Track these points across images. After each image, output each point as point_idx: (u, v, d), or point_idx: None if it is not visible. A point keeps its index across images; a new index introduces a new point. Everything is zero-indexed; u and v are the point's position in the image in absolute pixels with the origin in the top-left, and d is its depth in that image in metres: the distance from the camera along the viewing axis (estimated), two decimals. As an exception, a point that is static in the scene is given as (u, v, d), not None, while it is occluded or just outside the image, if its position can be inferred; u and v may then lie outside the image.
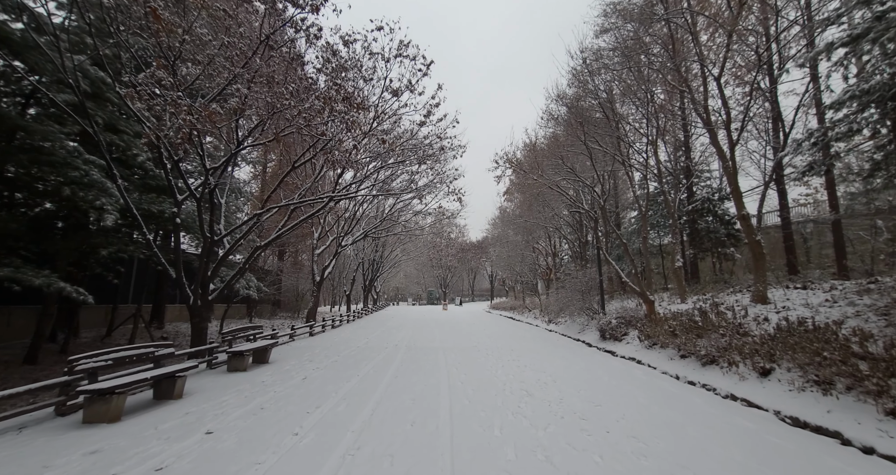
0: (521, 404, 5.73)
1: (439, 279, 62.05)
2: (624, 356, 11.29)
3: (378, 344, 12.60)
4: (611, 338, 13.44)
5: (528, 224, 27.98)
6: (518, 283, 41.92)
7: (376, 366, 8.67)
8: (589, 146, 12.10)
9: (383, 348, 11.55)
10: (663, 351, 10.62)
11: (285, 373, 7.75)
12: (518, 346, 12.26)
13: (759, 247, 10.40)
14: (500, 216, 42.41)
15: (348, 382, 6.96)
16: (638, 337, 12.05)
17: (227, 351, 7.83)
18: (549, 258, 31.45)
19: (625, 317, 13.71)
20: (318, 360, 9.26)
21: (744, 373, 7.48)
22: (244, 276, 15.65)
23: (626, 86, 13.24)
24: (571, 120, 13.36)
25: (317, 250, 18.26)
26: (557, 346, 12.96)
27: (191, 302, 9.07)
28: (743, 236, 16.03)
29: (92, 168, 9.30)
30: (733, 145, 10.73)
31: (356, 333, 16.09)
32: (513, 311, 31.09)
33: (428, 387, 6.65)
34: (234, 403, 5.51)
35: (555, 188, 14.08)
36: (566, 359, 10.08)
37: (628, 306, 16.14)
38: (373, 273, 33.84)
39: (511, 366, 8.86)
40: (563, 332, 17.35)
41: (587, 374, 8.22)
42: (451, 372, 8.09)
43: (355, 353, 10.47)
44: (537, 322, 22.35)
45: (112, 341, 14.75)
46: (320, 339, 13.76)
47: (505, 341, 13.66)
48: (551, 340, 14.69)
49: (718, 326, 9.66)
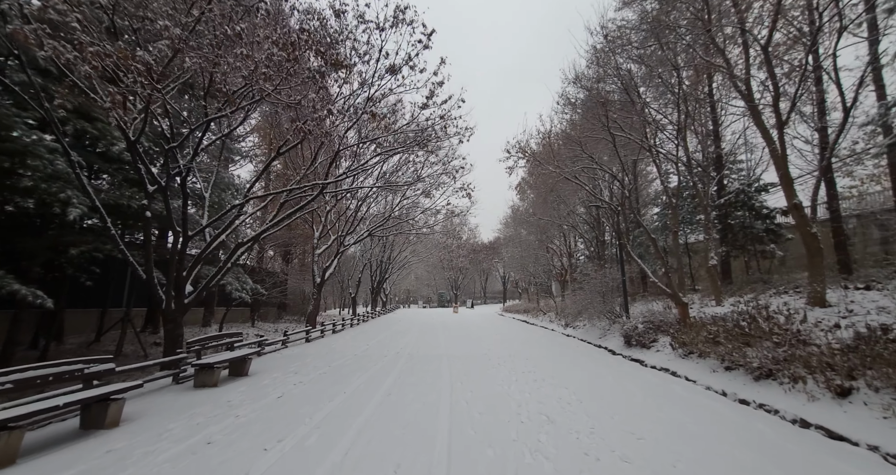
0: (541, 436, 4.48)
1: (450, 281, 60.75)
2: (655, 366, 9.94)
3: (378, 351, 11.43)
4: (637, 344, 12.07)
5: (541, 222, 26.58)
6: (531, 285, 40.43)
7: (369, 379, 7.49)
8: (612, 131, 10.76)
9: (382, 356, 10.38)
10: (702, 361, 9.25)
11: (261, 389, 6.63)
12: (534, 354, 10.97)
13: (815, 240, 8.95)
14: (513, 215, 41.03)
15: (330, 402, 5.78)
16: (670, 344, 10.67)
17: (192, 363, 6.75)
18: (564, 258, 29.96)
19: (652, 321, 12.32)
20: (305, 372, 8.11)
21: (814, 392, 6.10)
22: (239, 278, 14.67)
23: (651, 68, 11.88)
24: (591, 103, 12.07)
25: (317, 250, 17.23)
26: (578, 354, 11.62)
27: (163, 305, 8.03)
28: (784, 231, 14.47)
29: (58, 157, 8.36)
30: (782, 125, 9.30)
31: (357, 339, 14.96)
32: (526, 314, 29.69)
33: (425, 409, 5.44)
34: (176, 435, 4.37)
35: (573, 180, 12.76)
36: (590, 371, 8.76)
37: (654, 309, 14.70)
38: (380, 275, 32.76)
39: (526, 379, 7.59)
40: (582, 337, 15.99)
41: (618, 391, 6.91)
42: (456, 387, 6.86)
43: (349, 363, 9.32)
44: (553, 326, 20.96)
45: (101, 347, 13.89)
46: (316, 346, 12.65)
47: (519, 348, 12.36)
48: (570, 347, 13.34)
49: (771, 333, 8.21)
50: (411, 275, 66.40)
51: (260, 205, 10.13)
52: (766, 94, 10.88)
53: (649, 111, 12.24)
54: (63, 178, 8.29)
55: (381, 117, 8.00)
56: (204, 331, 19.79)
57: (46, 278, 9.63)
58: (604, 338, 14.81)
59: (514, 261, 38.29)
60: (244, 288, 14.13)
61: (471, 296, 67.51)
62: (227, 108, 6.84)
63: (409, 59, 8.26)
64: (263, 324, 25.43)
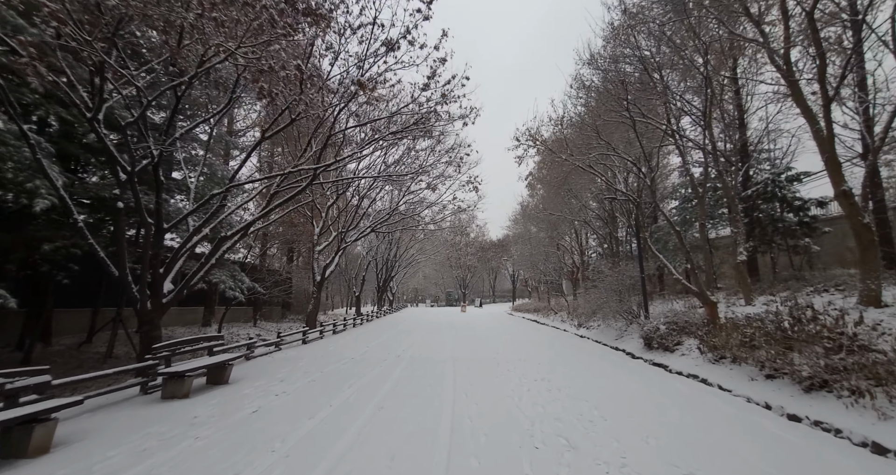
0: (561, 470, 3.58)
1: (458, 280, 59.85)
2: (681, 372, 8.99)
3: (377, 354, 10.59)
4: (659, 347, 11.10)
5: (552, 218, 25.55)
6: (541, 284, 39.40)
7: (362, 388, 6.65)
8: (632, 114, 9.76)
9: (381, 360, 9.54)
10: (737, 367, 8.29)
11: (237, 400, 5.82)
12: (546, 358, 10.04)
13: (868, 232, 7.89)
14: (522, 211, 40.00)
15: (311, 420, 4.95)
16: (698, 348, 9.70)
17: (159, 372, 5.97)
18: (576, 256, 28.86)
19: (676, 322, 11.31)
20: (293, 379, 7.30)
21: (884, 408, 5.12)
22: (235, 276, 13.95)
23: (675, 45, 10.84)
24: (608, 86, 11.07)
25: (318, 247, 16.46)
26: (595, 358, 10.68)
27: (138, 306, 7.28)
28: (819, 225, 13.31)
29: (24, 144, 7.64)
30: (829, 102, 8.23)
31: (357, 340, 14.16)
32: (537, 314, 28.70)
33: (421, 431, 4.57)
34: (112, 467, 3.56)
35: (588, 169, 11.78)
36: (610, 378, 7.83)
37: (676, 309, 13.67)
38: (386, 273, 31.96)
39: (539, 388, 6.69)
40: (596, 339, 15.02)
41: (646, 404, 5.97)
42: (460, 399, 5.99)
43: (344, 369, 8.49)
44: (565, 326, 19.98)
45: (92, 348, 13.29)
46: (312, 349, 11.85)
47: (530, 350, 11.44)
48: (585, 349, 12.39)
49: (820, 337, 7.19)
50: (419, 273, 65.66)
51: (253, 197, 9.34)
52: (806, 69, 9.81)
53: (671, 94, 11.19)
54: (33, 168, 7.58)
55: (371, 88, 7.13)
56: (203, 331, 19.17)
57: (19, 276, 8.97)
58: (620, 339, 13.84)
59: (523, 259, 37.26)
60: (239, 286, 13.39)
61: (479, 294, 66.55)
62: (192, 78, 6.02)
63: (408, 33, 7.36)
64: (266, 324, 24.80)
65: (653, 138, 14.23)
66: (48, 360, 11.90)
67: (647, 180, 10.22)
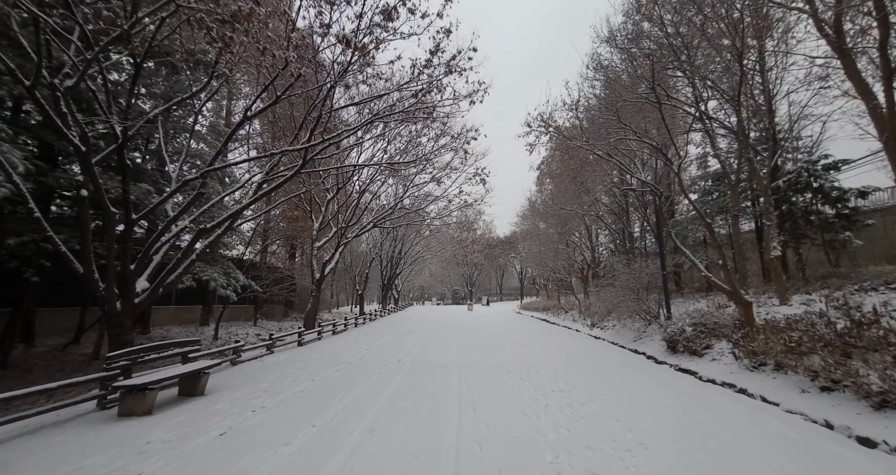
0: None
1: (465, 277, 58.91)
2: (714, 381, 8.05)
3: (377, 358, 9.72)
4: (685, 351, 10.15)
5: (562, 213, 24.52)
6: (550, 282, 38.39)
7: (354, 402, 5.78)
8: (658, 94, 8.75)
9: (381, 366, 8.67)
10: (782, 376, 7.34)
11: (205, 419, 4.97)
12: (562, 363, 9.11)
13: (938, 221, 6.82)
14: (531, 207, 38.96)
15: (286, 447, 4.08)
16: (732, 353, 8.73)
17: (114, 385, 5.13)
18: (587, 252, 27.82)
19: (704, 323, 10.34)
20: (277, 390, 6.45)
21: None
22: (229, 273, 13.15)
23: (705, 17, 9.78)
24: (630, 65, 10.06)
25: (317, 243, 15.63)
26: (615, 363, 9.74)
27: (106, 306, 6.46)
28: (860, 217, 12.18)
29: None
30: (890, 73, 7.17)
31: (358, 341, 13.31)
32: (546, 313, 27.71)
33: (418, 465, 3.68)
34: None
35: (606, 157, 10.78)
36: (638, 389, 6.88)
37: (700, 309, 12.66)
38: (391, 270, 31.10)
39: (560, 403, 5.76)
40: (612, 340, 14.07)
41: (688, 423, 5.04)
42: (466, 417, 5.09)
43: (338, 376, 7.62)
44: (577, 326, 19.00)
45: (79, 349, 12.61)
46: (307, 351, 11.01)
47: (543, 354, 10.51)
48: (602, 352, 11.43)
49: (888, 342, 6.19)
50: (425, 271, 64.79)
51: (241, 185, 8.46)
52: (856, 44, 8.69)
53: (699, 72, 10.13)
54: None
55: (362, 48, 6.21)
56: (200, 330, 18.47)
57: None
58: (639, 341, 12.89)
59: (531, 256, 36.23)
60: (232, 284, 12.60)
61: (486, 292, 65.60)
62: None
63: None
64: (267, 323, 24.10)
65: (673, 124, 13.19)
66: (29, 363, 11.23)
67: (674, 167, 9.19)
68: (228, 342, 17.19)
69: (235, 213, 7.38)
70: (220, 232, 7.79)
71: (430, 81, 6.99)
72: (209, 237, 7.68)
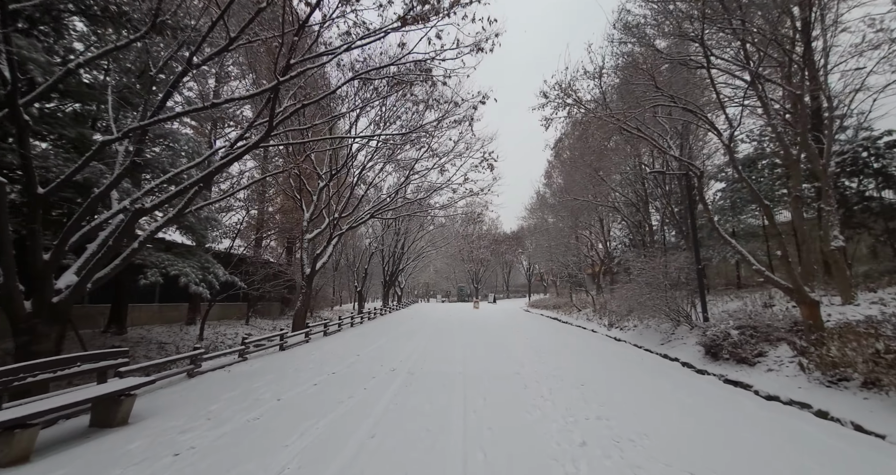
0: None
1: (471, 274, 57.33)
2: (780, 398, 6.54)
3: (367, 367, 8.22)
4: (731, 358, 8.60)
5: (574, 205, 22.88)
6: (560, 278, 36.75)
7: (322, 437, 4.28)
8: (706, 47, 7.10)
9: (370, 378, 7.17)
10: (875, 396, 5.80)
11: (98, 472, 3.49)
12: (589, 375, 7.55)
13: None
14: (539, 201, 37.31)
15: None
16: (798, 363, 7.18)
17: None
18: (600, 246, 26.17)
19: (754, 326, 8.75)
20: (227, 416, 4.96)
21: None
22: (205, 266, 11.70)
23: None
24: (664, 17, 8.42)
25: (307, 234, 14.15)
26: (648, 372, 8.20)
27: (9, 305, 5.01)
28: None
29: None
30: None
31: (349, 344, 11.81)
32: (556, 311, 26.13)
33: None
34: None
35: (635, 132, 9.17)
36: (695, 413, 5.31)
37: (739, 308, 11.06)
38: (393, 266, 29.59)
39: (601, 441, 4.20)
40: (636, 342, 12.54)
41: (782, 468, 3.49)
42: (473, 462, 3.59)
43: (313, 393, 6.13)
44: (593, 325, 17.43)
45: (41, 352, 11.27)
46: (287, 358, 9.52)
47: (563, 362, 8.95)
48: (630, 358, 9.87)
49: None
50: (430, 267, 63.31)
51: (200, 161, 6.91)
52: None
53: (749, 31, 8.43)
54: None
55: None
56: (184, 330, 17.12)
57: None
58: (668, 344, 11.34)
59: (540, 252, 34.57)
60: (209, 279, 11.15)
61: (492, 289, 64.01)
62: None
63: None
64: (261, 322, 22.73)
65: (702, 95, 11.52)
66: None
67: (724, 138, 7.55)
68: (215, 343, 15.85)
69: (183, 190, 5.89)
70: (171, 216, 6.32)
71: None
72: (158, 225, 6.19)
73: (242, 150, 5.91)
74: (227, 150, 6.86)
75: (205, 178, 5.96)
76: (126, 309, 14.74)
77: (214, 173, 6.13)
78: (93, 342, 12.41)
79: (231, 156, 6.03)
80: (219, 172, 6.89)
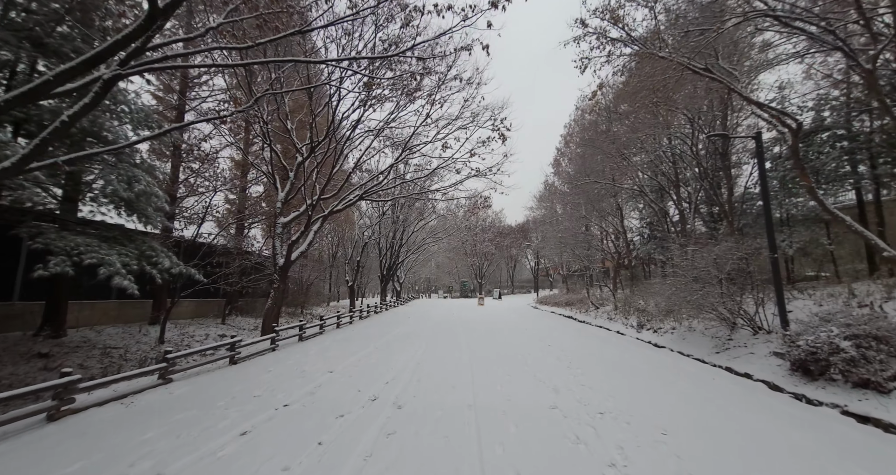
0: None
1: (474, 268, 54.82)
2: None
3: (338, 393, 5.80)
4: (843, 379, 6.26)
5: (591, 191, 20.38)
6: (571, 272, 34.29)
7: None
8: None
9: (335, 416, 4.77)
10: None
11: None
12: (656, 407, 5.11)
13: None
14: (548, 191, 34.78)
15: None
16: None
17: None
18: (621, 239, 23.64)
19: (877, 336, 6.35)
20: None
21: None
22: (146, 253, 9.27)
23: None
24: None
25: (282, 217, 11.68)
26: (729, 398, 5.76)
27: None
28: None
29: None
30: None
31: (325, 355, 9.34)
32: (569, 308, 23.69)
33: None
34: None
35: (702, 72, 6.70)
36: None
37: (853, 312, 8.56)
38: (390, 259, 27.00)
39: None
40: (680, 349, 10.22)
41: None
42: None
43: (230, 458, 3.74)
44: (617, 326, 14.99)
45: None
46: (232, 377, 7.08)
47: (609, 382, 6.50)
48: (692, 376, 7.42)
49: None
50: (431, 262, 60.88)
51: (87, 80, 4.43)
52: None
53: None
54: None
55: None
56: (144, 331, 14.67)
57: None
58: (726, 353, 9.01)
59: (549, 244, 32.01)
60: (145, 270, 8.75)
61: (497, 285, 61.53)
62: None
63: None
64: (242, 320, 20.23)
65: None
66: None
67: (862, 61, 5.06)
68: (180, 346, 13.49)
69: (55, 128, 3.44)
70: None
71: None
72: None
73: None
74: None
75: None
76: (65, 306, 12.26)
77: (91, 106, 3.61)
78: (16, 348, 10.08)
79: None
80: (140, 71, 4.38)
